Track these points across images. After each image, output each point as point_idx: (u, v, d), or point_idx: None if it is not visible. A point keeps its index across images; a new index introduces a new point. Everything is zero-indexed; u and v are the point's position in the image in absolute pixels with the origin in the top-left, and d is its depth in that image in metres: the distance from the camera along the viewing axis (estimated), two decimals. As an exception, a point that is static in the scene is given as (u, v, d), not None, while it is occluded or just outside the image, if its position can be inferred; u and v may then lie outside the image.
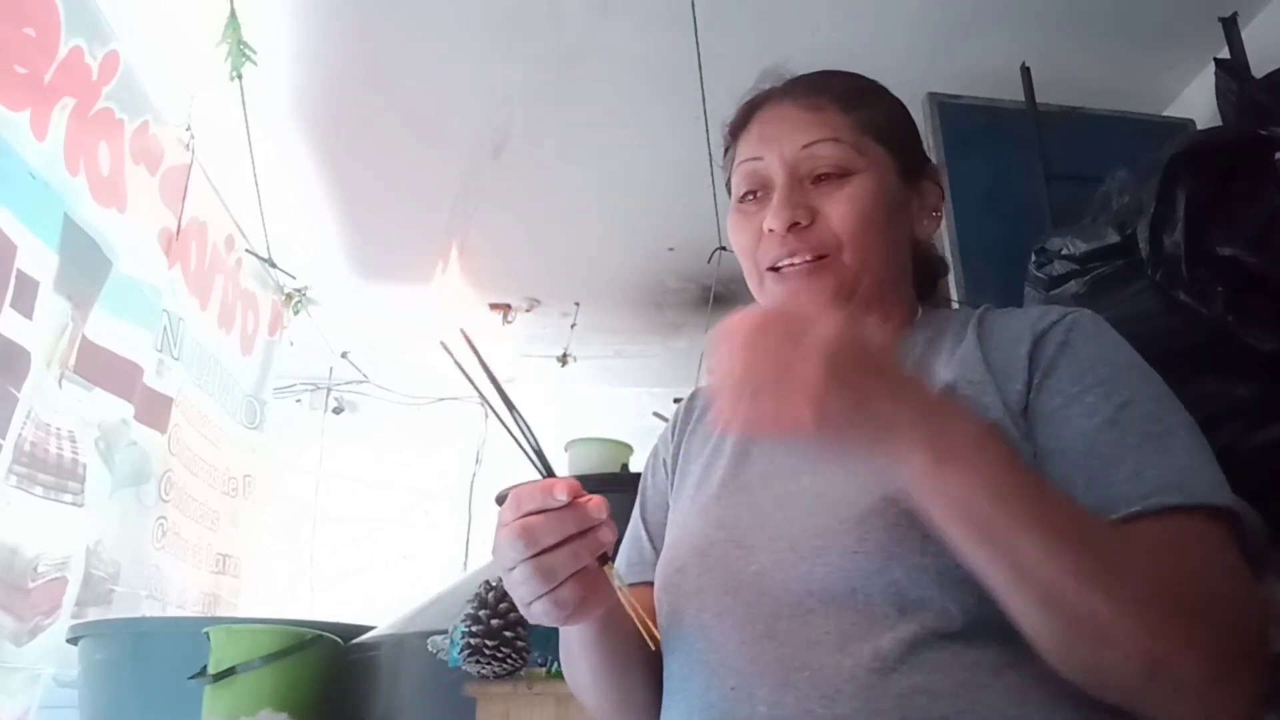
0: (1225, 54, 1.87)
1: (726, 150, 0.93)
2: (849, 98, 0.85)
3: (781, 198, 0.82)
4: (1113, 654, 0.57)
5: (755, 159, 0.86)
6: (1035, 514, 0.58)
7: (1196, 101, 2.33)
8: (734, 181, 0.89)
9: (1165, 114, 2.45)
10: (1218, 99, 1.83)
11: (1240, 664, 0.58)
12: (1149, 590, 0.58)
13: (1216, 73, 1.84)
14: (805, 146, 0.83)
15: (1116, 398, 0.70)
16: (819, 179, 0.82)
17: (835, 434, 0.58)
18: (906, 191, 0.86)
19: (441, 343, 0.67)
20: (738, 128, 0.91)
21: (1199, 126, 2.19)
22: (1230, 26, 1.87)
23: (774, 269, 0.84)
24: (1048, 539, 0.57)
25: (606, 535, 0.66)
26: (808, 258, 0.82)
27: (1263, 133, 1.54)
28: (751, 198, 0.86)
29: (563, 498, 0.65)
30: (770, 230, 0.82)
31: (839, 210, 0.81)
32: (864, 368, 0.58)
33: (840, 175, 0.82)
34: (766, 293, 0.86)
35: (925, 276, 0.94)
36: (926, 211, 0.89)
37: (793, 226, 0.81)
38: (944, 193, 0.91)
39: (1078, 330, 0.76)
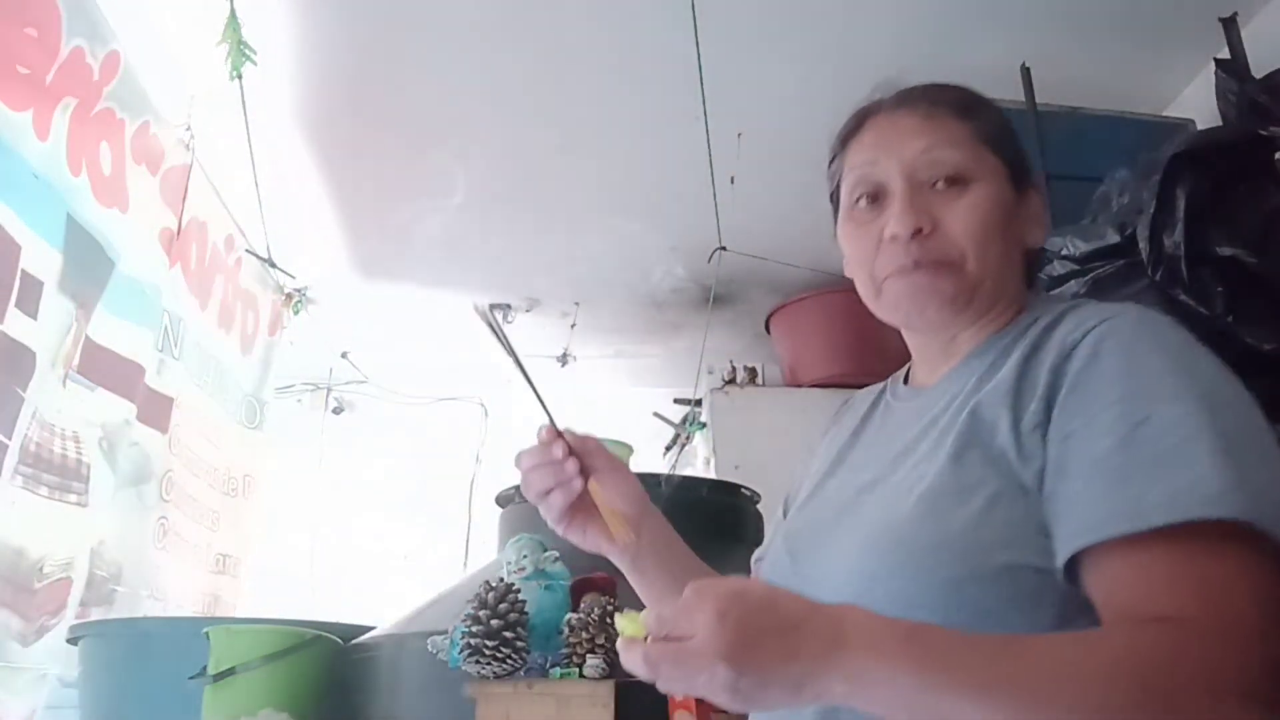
0: (1225, 54, 1.87)
1: (833, 160, 0.92)
2: (963, 106, 0.86)
3: (905, 203, 0.81)
4: None
5: (871, 162, 0.85)
6: (969, 686, 0.59)
7: (1196, 101, 2.33)
8: (845, 188, 0.88)
9: (1165, 114, 2.45)
10: (1218, 99, 1.84)
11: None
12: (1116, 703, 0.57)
13: (1216, 73, 1.85)
14: (925, 151, 0.82)
15: (1135, 415, 0.66)
16: (937, 185, 0.81)
17: (751, 696, 0.60)
18: (1017, 200, 0.85)
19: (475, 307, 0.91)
20: (848, 135, 0.90)
21: (1199, 126, 2.19)
22: (1230, 26, 1.88)
23: (894, 275, 0.83)
24: (987, 704, 0.58)
25: (570, 468, 0.87)
26: (929, 263, 0.81)
27: (1263, 133, 1.55)
28: (865, 203, 0.85)
29: (545, 438, 0.88)
30: (894, 236, 0.81)
31: (962, 220, 0.80)
32: (757, 648, 0.60)
33: (961, 182, 0.81)
34: (885, 302, 0.85)
35: (1031, 274, 0.93)
36: (1035, 220, 0.88)
37: (916, 233, 0.80)
38: (1045, 203, 0.90)
39: (1109, 341, 0.71)
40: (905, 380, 0.96)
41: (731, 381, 3.27)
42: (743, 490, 2.17)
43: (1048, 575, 0.68)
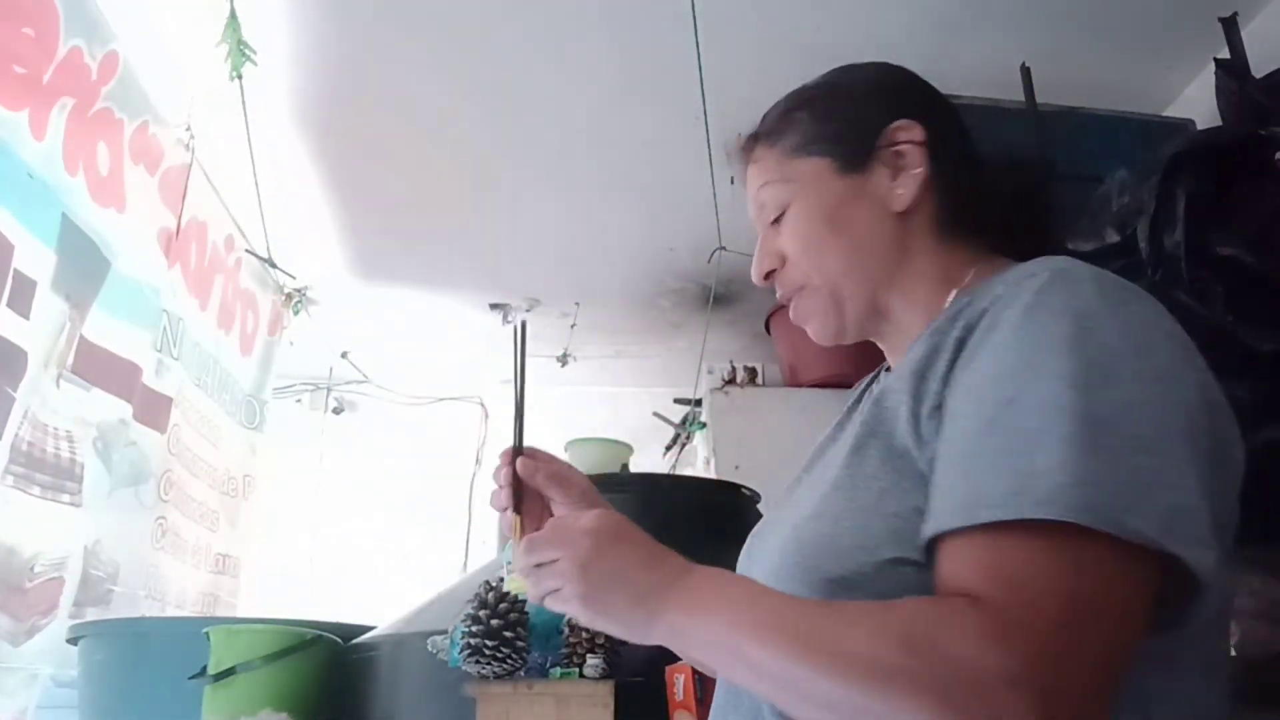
0: (1225, 54, 1.86)
1: None
2: (773, 131, 0.91)
3: (756, 253, 0.90)
4: None
5: (751, 216, 0.94)
6: (754, 623, 0.64)
7: (1196, 101, 2.33)
8: None
9: (1165, 114, 2.45)
10: (1218, 99, 1.83)
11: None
12: (863, 658, 0.58)
13: (1216, 73, 1.84)
14: (754, 200, 0.90)
15: (1005, 393, 0.61)
16: (774, 224, 0.88)
17: (598, 599, 0.71)
18: (858, 179, 0.84)
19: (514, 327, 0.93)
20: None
21: (1199, 126, 2.18)
22: (1230, 26, 1.87)
23: None
24: (765, 639, 0.63)
25: (502, 499, 0.89)
26: (789, 295, 0.89)
27: (1263, 133, 1.54)
28: None
29: (498, 463, 0.89)
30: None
31: (789, 246, 0.87)
32: (621, 542, 0.72)
33: (783, 213, 0.87)
34: None
35: (986, 228, 0.84)
36: (902, 179, 0.83)
37: (769, 275, 0.90)
38: (919, 144, 0.83)
39: (1010, 310, 0.66)
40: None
41: (731, 381, 3.27)
42: (743, 490, 2.17)
43: (929, 572, 0.64)
